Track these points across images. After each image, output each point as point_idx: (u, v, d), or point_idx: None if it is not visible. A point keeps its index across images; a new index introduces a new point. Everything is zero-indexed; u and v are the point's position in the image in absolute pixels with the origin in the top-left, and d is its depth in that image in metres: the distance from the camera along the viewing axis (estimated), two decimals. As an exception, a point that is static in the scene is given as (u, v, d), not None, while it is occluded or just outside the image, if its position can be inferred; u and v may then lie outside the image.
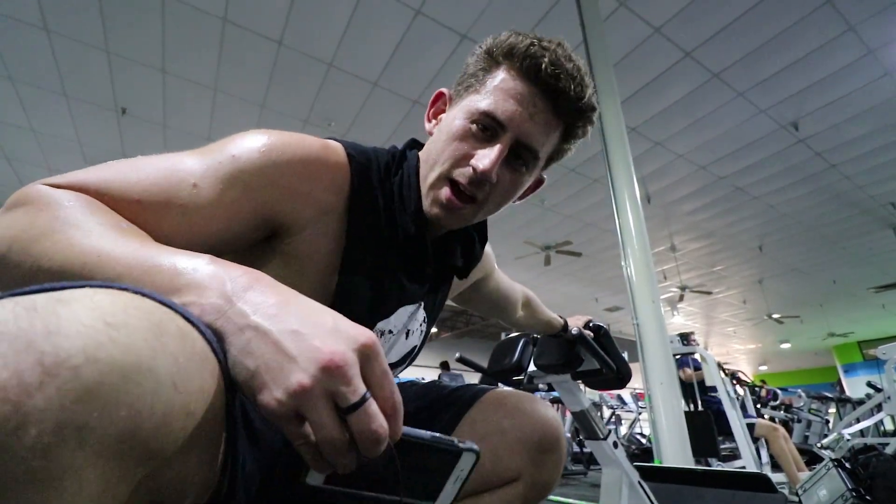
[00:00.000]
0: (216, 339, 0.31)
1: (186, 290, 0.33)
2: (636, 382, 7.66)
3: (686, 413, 2.75)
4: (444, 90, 0.69)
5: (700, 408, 3.73)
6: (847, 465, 2.33)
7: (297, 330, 0.31)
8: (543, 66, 0.59)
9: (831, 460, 2.32)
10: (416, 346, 0.73)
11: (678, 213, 6.47)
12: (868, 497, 2.18)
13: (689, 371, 3.85)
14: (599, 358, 1.06)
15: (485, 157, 0.58)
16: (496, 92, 0.60)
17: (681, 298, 9.04)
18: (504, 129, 0.59)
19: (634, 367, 1.75)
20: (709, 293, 8.96)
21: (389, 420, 0.31)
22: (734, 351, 16.32)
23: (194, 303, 0.32)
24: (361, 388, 0.30)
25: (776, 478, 2.84)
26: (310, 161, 0.55)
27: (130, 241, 0.37)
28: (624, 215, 2.90)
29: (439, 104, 0.69)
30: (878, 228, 6.93)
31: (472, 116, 0.60)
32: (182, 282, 0.33)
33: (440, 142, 0.62)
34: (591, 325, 1.11)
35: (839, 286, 9.40)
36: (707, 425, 3.15)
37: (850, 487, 2.17)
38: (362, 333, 0.32)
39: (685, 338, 3.80)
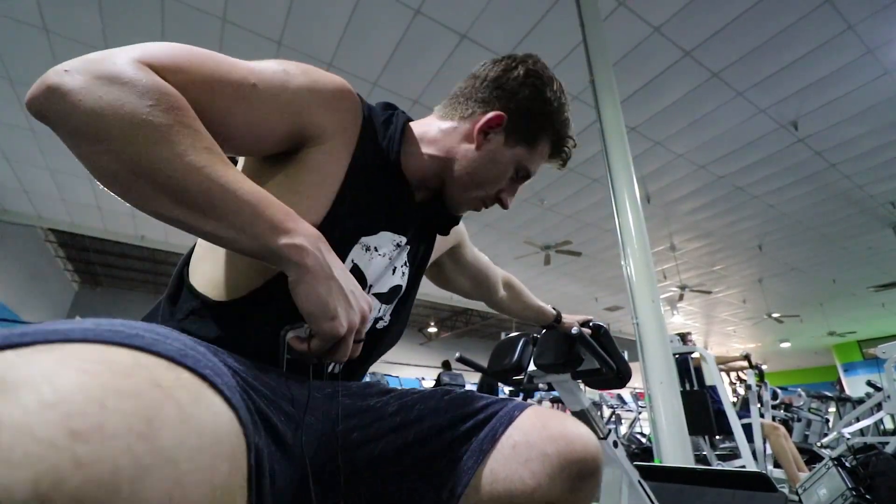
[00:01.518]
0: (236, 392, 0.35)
1: (295, 232, 0.46)
2: (636, 382, 7.67)
3: (682, 392, 2.79)
4: (502, 115, 0.74)
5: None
6: (847, 464, 2.33)
7: (353, 290, 0.49)
8: (566, 155, 0.85)
9: (831, 459, 2.32)
10: (400, 286, 0.74)
11: (678, 213, 6.47)
12: (868, 496, 2.18)
13: (696, 355, 3.87)
14: (599, 357, 1.07)
15: (510, 198, 0.78)
16: (536, 156, 0.77)
17: (681, 298, 9.04)
18: (528, 177, 0.79)
19: (634, 367, 1.75)
20: (708, 293, 8.96)
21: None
22: (734, 350, 16.32)
23: (301, 245, 0.46)
24: (363, 331, 0.51)
25: (776, 476, 2.84)
26: (339, 86, 0.64)
27: (239, 176, 0.46)
28: (623, 215, 2.90)
29: (492, 121, 0.75)
30: (878, 227, 6.93)
31: (519, 170, 0.77)
32: (291, 225, 0.46)
33: (486, 167, 0.74)
34: (590, 324, 1.11)
35: (839, 285, 9.41)
36: (702, 403, 3.21)
37: (849, 486, 2.17)
38: (368, 301, 0.51)
39: (683, 338, 3.82)
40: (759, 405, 3.55)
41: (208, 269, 0.60)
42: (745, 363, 3.87)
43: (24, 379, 0.17)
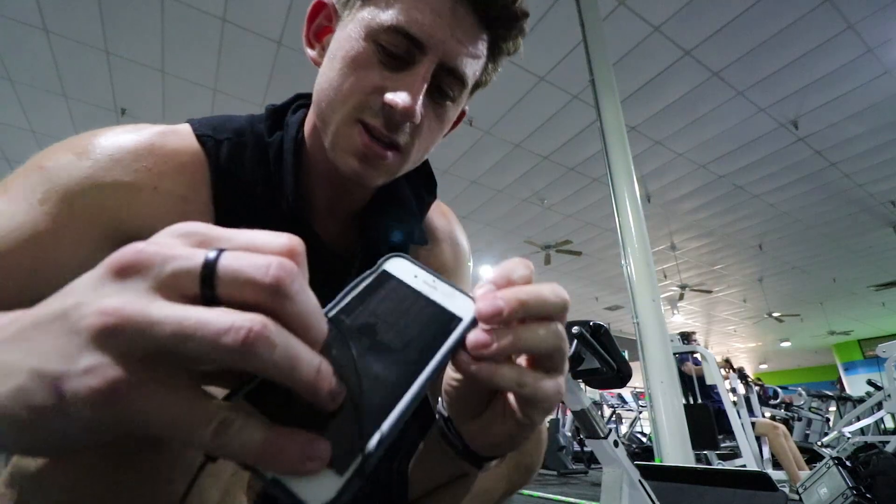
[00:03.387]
0: None
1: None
2: (636, 381, 7.67)
3: (685, 406, 2.76)
4: (321, 0, 0.52)
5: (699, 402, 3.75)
6: (847, 463, 2.33)
7: None
8: None
9: (832, 458, 2.32)
10: None
11: (678, 212, 6.47)
12: (868, 495, 2.18)
13: (690, 365, 3.86)
14: (600, 357, 1.07)
15: (403, 92, 0.44)
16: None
17: (681, 297, 9.04)
18: (423, 50, 0.45)
19: (635, 366, 1.75)
20: (709, 292, 8.96)
21: None
22: (734, 350, 16.32)
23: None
24: None
25: (776, 476, 2.84)
26: (141, 152, 0.45)
27: None
28: (624, 214, 2.90)
29: (321, 20, 0.53)
30: (878, 226, 6.93)
31: (374, 35, 0.45)
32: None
33: (335, 73, 0.47)
34: (591, 324, 1.11)
35: (839, 284, 9.40)
36: (706, 418, 3.16)
37: (850, 486, 2.17)
38: None
39: (686, 337, 3.82)
40: (746, 407, 3.55)
41: None
42: (727, 368, 3.87)
43: None
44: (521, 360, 0.30)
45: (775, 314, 10.38)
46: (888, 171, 5.47)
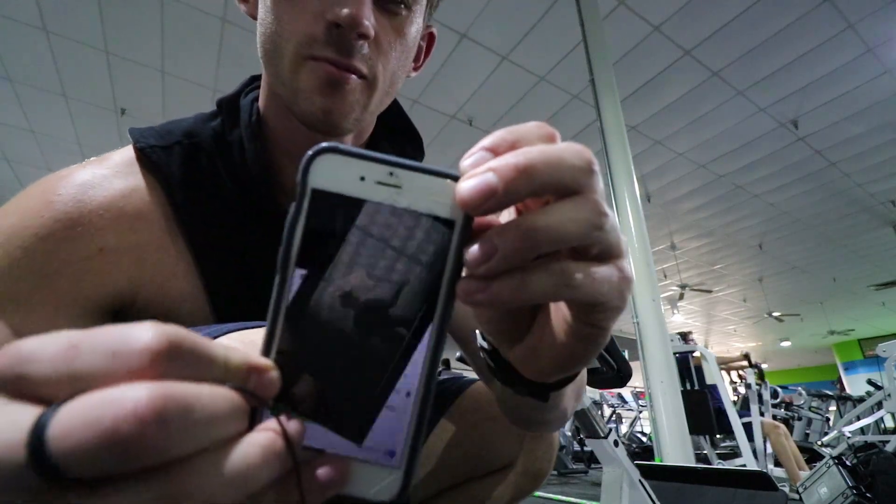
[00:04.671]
0: None
1: None
2: (636, 381, 7.67)
3: (683, 392, 2.78)
4: None
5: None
6: (847, 462, 2.33)
7: None
8: None
9: (832, 458, 2.32)
10: None
11: (678, 212, 6.47)
12: (868, 495, 2.18)
13: (696, 355, 3.87)
14: (600, 356, 1.07)
15: (345, 5, 0.39)
16: None
17: (681, 297, 9.03)
18: None
19: (635, 366, 1.75)
20: (709, 291, 8.96)
21: None
22: (734, 350, 16.32)
23: None
24: None
25: (776, 475, 2.84)
26: (71, 218, 0.39)
27: None
28: (624, 214, 2.91)
29: None
30: (878, 226, 6.92)
31: None
32: None
33: (270, 15, 0.42)
34: None
35: (839, 284, 9.40)
36: (703, 402, 3.21)
37: (850, 485, 2.17)
38: None
39: (684, 337, 3.83)
40: (759, 404, 3.55)
41: None
42: (745, 362, 3.87)
43: None
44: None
45: (775, 314, 10.37)
46: (888, 170, 5.46)
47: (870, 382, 4.92)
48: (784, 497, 1.84)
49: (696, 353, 3.80)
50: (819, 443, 4.04)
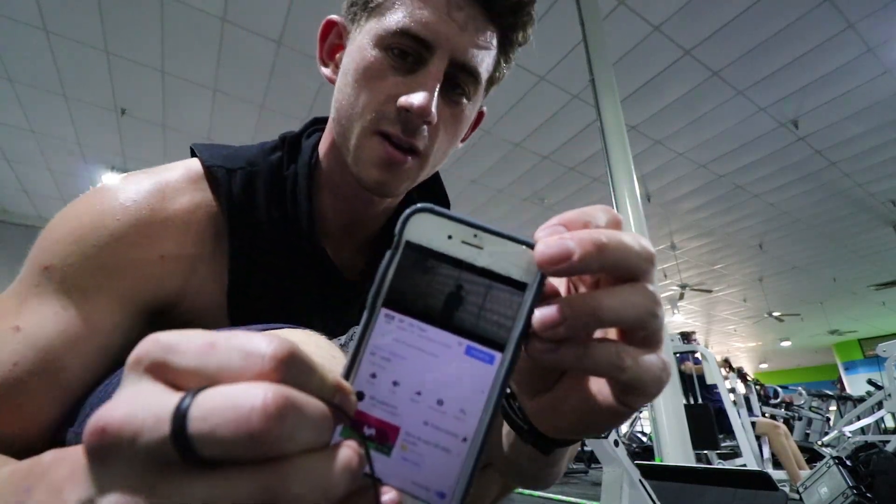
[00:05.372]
0: None
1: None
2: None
3: (686, 406, 2.76)
4: (334, 18, 0.54)
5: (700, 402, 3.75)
6: (848, 462, 2.33)
7: None
8: None
9: (832, 458, 2.32)
10: None
11: (678, 212, 6.47)
12: (869, 494, 2.18)
13: (690, 364, 3.86)
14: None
15: (416, 93, 0.44)
16: (408, 3, 0.45)
17: (681, 297, 9.03)
18: (430, 48, 0.45)
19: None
20: (709, 291, 8.96)
21: None
22: (735, 349, 16.32)
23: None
24: None
25: (777, 475, 2.84)
26: (142, 223, 0.43)
27: None
28: (624, 214, 2.90)
29: (332, 39, 0.55)
30: (879, 226, 6.92)
31: (383, 42, 0.45)
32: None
33: (350, 87, 0.47)
34: None
35: (839, 284, 9.40)
36: (706, 418, 3.16)
37: (850, 485, 2.17)
38: None
39: (686, 337, 3.82)
40: (747, 407, 3.55)
41: None
42: (725, 368, 3.87)
43: None
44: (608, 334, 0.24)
45: (775, 314, 10.37)
46: (888, 170, 5.46)
47: (870, 382, 4.92)
48: (784, 497, 1.84)
49: (693, 363, 3.80)
50: (819, 443, 4.04)
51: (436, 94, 0.45)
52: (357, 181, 0.50)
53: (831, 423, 5.25)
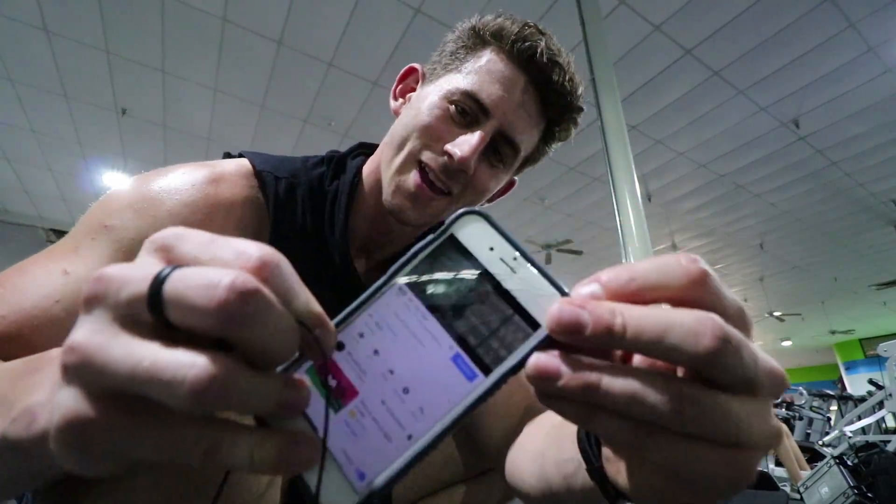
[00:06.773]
0: None
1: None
2: (637, 381, 7.64)
3: None
4: (416, 65, 0.62)
5: None
6: (849, 462, 2.33)
7: None
8: (539, 51, 0.55)
9: (833, 458, 2.31)
10: None
11: (679, 211, 6.46)
12: (870, 494, 2.17)
13: None
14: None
15: (464, 143, 0.50)
16: (482, 73, 0.52)
17: (682, 296, 9.03)
18: (487, 115, 0.52)
19: (635, 366, 1.75)
20: (710, 291, 8.93)
21: None
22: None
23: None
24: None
25: (777, 475, 2.83)
26: (197, 205, 0.48)
27: None
28: (624, 213, 2.90)
29: (409, 81, 0.63)
30: (880, 225, 6.91)
31: (450, 96, 0.52)
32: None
33: (411, 121, 0.54)
34: None
35: (840, 284, 9.39)
36: None
37: (851, 485, 2.17)
38: None
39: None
40: None
41: None
42: None
43: None
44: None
45: (776, 313, 10.37)
46: (889, 169, 5.45)
47: (871, 382, 4.91)
48: (785, 497, 1.84)
49: None
50: (820, 442, 4.03)
51: (479, 151, 0.51)
52: (384, 204, 0.55)
53: (832, 422, 5.24)
